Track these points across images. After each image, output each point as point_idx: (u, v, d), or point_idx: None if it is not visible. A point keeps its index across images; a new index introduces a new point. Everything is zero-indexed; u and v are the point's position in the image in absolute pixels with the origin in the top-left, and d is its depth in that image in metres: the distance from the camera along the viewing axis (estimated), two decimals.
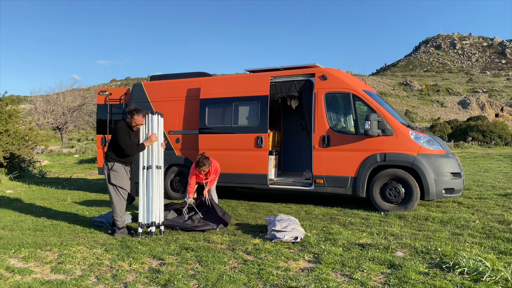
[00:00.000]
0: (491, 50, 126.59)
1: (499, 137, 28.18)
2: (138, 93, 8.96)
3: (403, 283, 3.57)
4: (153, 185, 5.54)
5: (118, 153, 5.57)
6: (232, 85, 8.19)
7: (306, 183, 7.65)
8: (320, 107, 7.33)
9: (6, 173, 12.12)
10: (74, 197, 9.26)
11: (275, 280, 3.73)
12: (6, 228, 6.11)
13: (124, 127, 5.53)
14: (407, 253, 4.43)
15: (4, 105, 12.60)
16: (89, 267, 4.21)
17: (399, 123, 6.89)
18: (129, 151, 5.49)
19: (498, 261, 3.99)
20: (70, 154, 26.16)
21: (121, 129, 5.50)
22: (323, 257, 4.32)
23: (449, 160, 6.81)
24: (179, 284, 3.66)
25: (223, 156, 7.79)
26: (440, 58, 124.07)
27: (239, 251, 4.66)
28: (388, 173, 6.83)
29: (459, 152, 22.43)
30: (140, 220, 5.51)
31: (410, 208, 6.66)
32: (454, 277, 3.64)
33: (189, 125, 8.47)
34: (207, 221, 5.89)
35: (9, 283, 3.82)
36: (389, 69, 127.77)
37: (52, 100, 35.05)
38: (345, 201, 8.00)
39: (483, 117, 40.89)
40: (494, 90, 74.58)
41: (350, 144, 7.07)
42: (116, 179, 5.58)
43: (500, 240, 4.84)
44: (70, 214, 7.19)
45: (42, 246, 4.97)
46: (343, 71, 7.90)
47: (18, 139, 12.26)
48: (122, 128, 5.51)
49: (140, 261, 4.36)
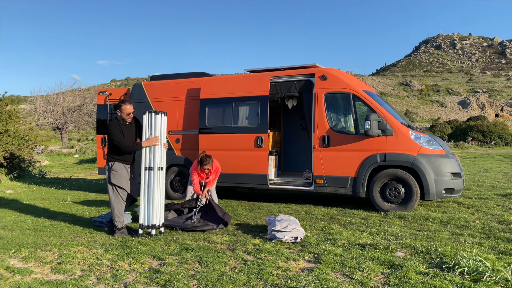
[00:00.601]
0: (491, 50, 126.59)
1: (499, 137, 28.18)
2: (138, 93, 8.96)
3: (403, 283, 3.57)
4: (154, 186, 5.47)
5: (115, 151, 5.57)
6: (232, 85, 8.19)
7: (306, 183, 7.65)
8: (320, 107, 7.33)
9: (6, 173, 12.12)
10: (74, 197, 9.26)
11: (275, 280, 3.73)
12: (6, 228, 6.10)
13: (114, 124, 5.56)
14: (407, 253, 4.43)
15: (4, 105, 12.60)
16: (89, 267, 4.21)
17: (399, 123, 6.89)
18: (124, 146, 5.48)
19: (498, 261, 3.99)
20: (70, 154, 26.17)
21: (111, 126, 5.54)
22: (323, 257, 4.32)
23: (449, 160, 6.81)
24: (179, 284, 3.66)
25: (223, 156, 7.80)
26: (440, 58, 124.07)
27: (239, 251, 4.66)
28: (388, 173, 6.83)
29: (459, 152, 22.43)
30: (141, 221, 5.48)
31: (410, 208, 6.66)
32: (454, 277, 3.64)
33: (189, 125, 8.47)
34: (207, 221, 5.89)
35: (9, 283, 3.81)
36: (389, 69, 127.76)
37: (52, 100, 35.05)
38: (345, 201, 8.00)
39: (483, 117, 40.89)
40: (494, 90, 74.58)
41: (350, 144, 7.07)
42: (115, 178, 5.57)
43: (500, 240, 4.84)
44: (70, 214, 7.19)
45: (42, 246, 4.97)
46: (343, 71, 7.90)
47: (18, 139, 12.26)
48: (113, 125, 5.55)
49: (140, 261, 4.36)
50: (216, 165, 6.61)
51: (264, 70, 8.25)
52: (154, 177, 5.48)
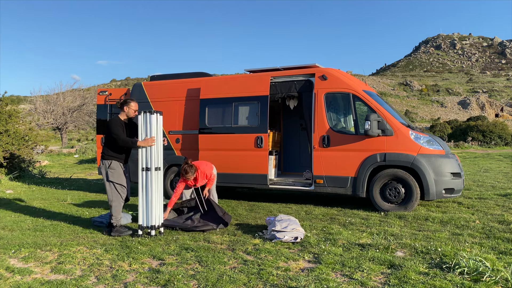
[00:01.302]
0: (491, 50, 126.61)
1: (499, 137, 28.18)
2: (138, 93, 8.96)
3: (403, 283, 3.57)
4: (152, 187, 5.45)
5: (114, 148, 5.57)
6: (232, 85, 8.18)
7: (306, 183, 7.64)
8: (320, 107, 7.33)
9: (6, 173, 12.12)
10: (74, 197, 9.26)
11: (275, 280, 3.72)
12: (6, 228, 6.10)
13: (118, 120, 5.57)
14: (407, 253, 4.43)
15: (4, 105, 12.60)
16: (89, 267, 4.21)
17: (399, 123, 6.89)
18: (121, 140, 5.47)
19: (498, 261, 3.99)
20: (70, 154, 26.16)
21: (113, 121, 5.55)
22: (323, 257, 4.32)
23: (449, 160, 6.81)
24: (179, 284, 3.66)
25: (223, 156, 7.79)
26: (440, 58, 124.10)
27: (239, 251, 4.66)
28: (388, 173, 6.83)
29: (459, 152, 22.43)
30: (140, 222, 5.48)
31: (410, 208, 6.66)
32: (454, 277, 3.64)
33: (189, 125, 8.47)
34: (207, 221, 5.89)
35: (9, 283, 3.81)
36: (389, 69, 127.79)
37: (52, 100, 35.05)
38: (345, 201, 8.00)
39: (483, 117, 40.90)
40: (494, 90, 74.60)
41: (350, 144, 7.07)
42: (114, 176, 5.58)
43: (500, 240, 4.83)
44: (70, 214, 7.18)
45: (42, 246, 4.97)
46: (343, 71, 7.90)
47: (18, 139, 12.26)
48: (116, 121, 5.56)
49: (140, 261, 4.36)
50: (204, 170, 6.34)
51: (264, 70, 8.25)
52: (152, 178, 5.45)
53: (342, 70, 8.05)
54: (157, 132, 5.52)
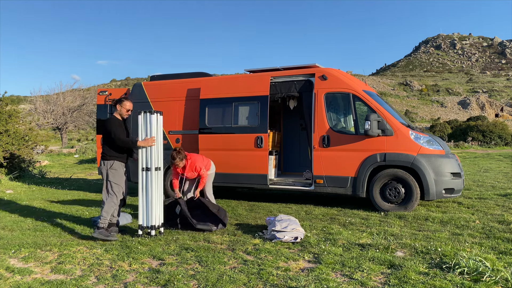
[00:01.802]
0: (491, 50, 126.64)
1: (499, 137, 28.19)
2: (138, 93, 8.96)
3: (403, 283, 3.57)
4: (152, 187, 5.44)
5: (114, 147, 5.50)
6: (232, 85, 8.18)
7: (306, 183, 7.64)
8: (320, 107, 7.33)
9: (6, 173, 12.12)
10: (74, 197, 9.26)
11: (275, 280, 3.73)
12: (6, 228, 6.10)
13: (116, 119, 5.53)
14: (407, 253, 4.43)
15: (4, 105, 12.60)
16: (89, 267, 4.21)
17: (399, 123, 6.89)
18: (124, 143, 5.44)
19: (498, 261, 3.99)
20: (70, 154, 26.16)
21: (112, 121, 5.51)
22: (323, 257, 4.32)
23: (449, 160, 6.81)
24: (179, 284, 3.66)
25: (223, 156, 7.79)
26: (440, 58, 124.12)
27: (239, 251, 4.66)
28: (388, 173, 6.83)
29: (459, 152, 22.43)
30: (140, 222, 5.47)
31: (410, 208, 6.66)
32: (454, 277, 3.64)
33: (189, 125, 8.46)
34: (206, 222, 5.86)
35: (9, 283, 3.82)
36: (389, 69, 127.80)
37: (52, 100, 35.05)
38: (345, 201, 8.00)
39: (483, 117, 40.90)
40: (494, 90, 74.60)
41: (350, 144, 7.07)
42: (114, 177, 5.51)
43: (500, 240, 4.84)
44: (70, 214, 7.19)
45: (42, 246, 4.97)
46: (343, 71, 7.90)
47: (18, 139, 12.26)
48: (114, 120, 5.51)
49: (140, 261, 4.36)
50: (194, 161, 6.31)
51: (264, 70, 8.25)
52: (152, 178, 5.44)
53: (342, 70, 8.06)
54: (157, 132, 5.51)
